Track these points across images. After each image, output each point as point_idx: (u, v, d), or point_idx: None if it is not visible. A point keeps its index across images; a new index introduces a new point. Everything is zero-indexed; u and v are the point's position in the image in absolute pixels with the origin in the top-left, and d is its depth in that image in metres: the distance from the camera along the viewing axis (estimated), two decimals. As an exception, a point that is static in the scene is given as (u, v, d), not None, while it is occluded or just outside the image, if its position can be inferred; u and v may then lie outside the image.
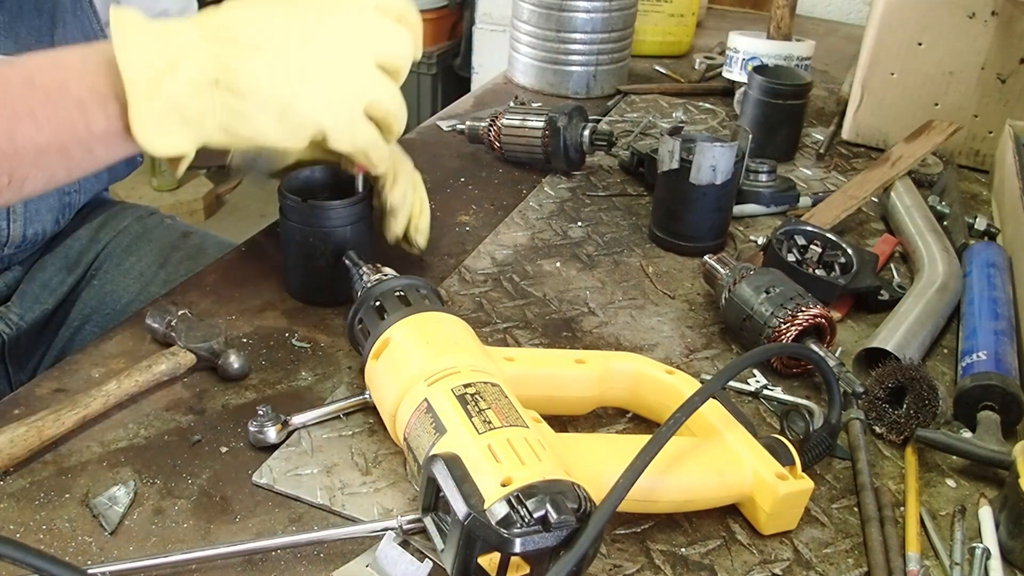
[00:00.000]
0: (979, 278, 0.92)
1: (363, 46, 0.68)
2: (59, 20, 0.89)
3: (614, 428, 0.76)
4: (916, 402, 0.74)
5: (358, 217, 0.84)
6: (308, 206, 0.83)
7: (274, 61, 0.65)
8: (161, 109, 0.62)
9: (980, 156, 1.29)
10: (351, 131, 0.70)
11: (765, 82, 1.23)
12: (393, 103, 0.71)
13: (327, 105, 0.67)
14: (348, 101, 0.68)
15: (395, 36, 0.70)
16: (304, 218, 0.83)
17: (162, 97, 0.62)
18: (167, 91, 0.62)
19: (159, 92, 0.62)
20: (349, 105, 0.69)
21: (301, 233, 0.84)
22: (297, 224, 0.84)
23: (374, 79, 0.69)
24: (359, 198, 0.84)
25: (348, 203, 0.83)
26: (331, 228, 0.83)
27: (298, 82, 0.66)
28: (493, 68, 2.74)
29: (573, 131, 1.16)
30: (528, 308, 0.91)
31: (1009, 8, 1.19)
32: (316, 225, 0.83)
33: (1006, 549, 0.65)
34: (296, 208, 0.83)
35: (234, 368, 0.76)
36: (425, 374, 0.64)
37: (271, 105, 0.65)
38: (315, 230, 0.83)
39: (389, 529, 0.61)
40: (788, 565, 0.64)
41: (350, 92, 0.68)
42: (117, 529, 0.62)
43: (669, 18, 1.68)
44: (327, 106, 0.67)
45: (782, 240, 0.96)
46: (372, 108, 0.70)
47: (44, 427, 0.66)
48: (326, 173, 0.88)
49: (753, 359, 0.70)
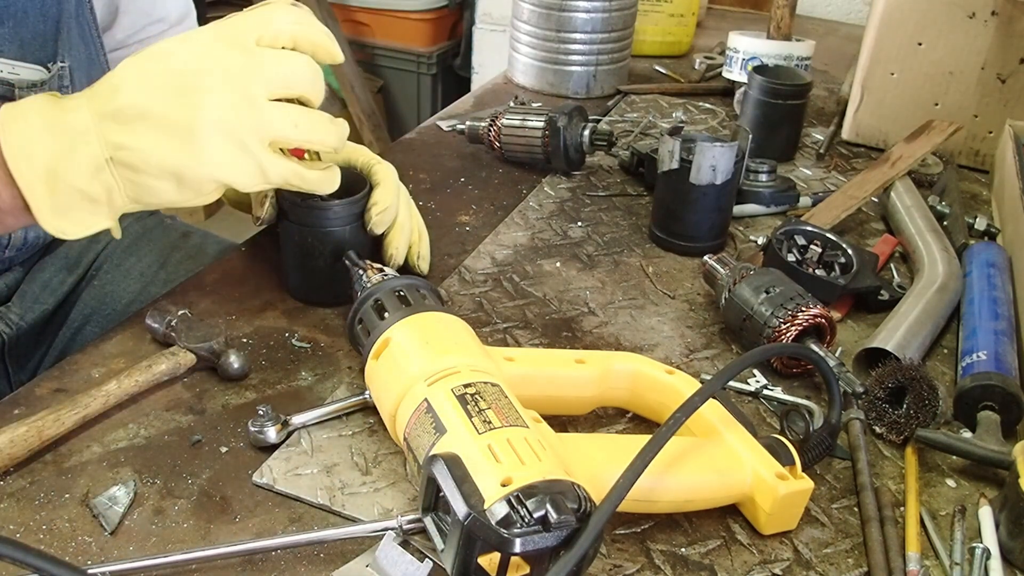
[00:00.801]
0: (979, 278, 0.92)
1: (249, 87, 0.66)
2: (63, 27, 0.89)
3: (614, 428, 0.76)
4: (916, 402, 0.74)
5: (356, 217, 0.84)
6: (306, 206, 0.83)
7: (159, 129, 0.65)
8: (65, 198, 0.65)
9: (980, 156, 1.29)
10: (259, 173, 0.69)
11: (765, 82, 1.24)
12: (299, 132, 0.69)
13: (222, 159, 0.66)
14: (245, 148, 0.67)
15: (283, 64, 0.68)
16: (301, 217, 0.83)
17: (63, 187, 0.65)
18: (66, 179, 0.64)
19: (59, 183, 0.64)
20: (247, 151, 0.67)
21: (299, 233, 0.84)
22: (295, 224, 0.84)
23: (270, 116, 0.67)
24: (358, 197, 0.84)
25: (346, 203, 0.83)
26: (329, 228, 0.83)
27: (186, 146, 0.65)
28: (493, 68, 2.74)
29: (573, 131, 1.16)
30: (528, 308, 0.91)
31: (1009, 8, 1.19)
32: (314, 225, 0.83)
33: (1006, 549, 0.65)
34: (293, 207, 0.83)
35: (234, 368, 0.76)
36: (425, 374, 0.64)
37: (167, 174, 0.66)
38: (313, 230, 0.83)
39: (389, 529, 0.61)
40: (788, 565, 0.64)
41: (244, 139, 0.66)
42: (117, 529, 0.62)
43: (669, 18, 1.68)
44: (222, 160, 0.66)
45: (782, 240, 0.96)
46: (278, 143, 0.69)
47: (44, 427, 0.66)
48: None
49: (753, 359, 0.70)
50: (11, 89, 0.86)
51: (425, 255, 0.91)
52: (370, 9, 3.14)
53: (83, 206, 0.66)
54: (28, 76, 0.87)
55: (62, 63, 0.90)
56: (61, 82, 0.90)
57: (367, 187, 0.85)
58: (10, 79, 0.86)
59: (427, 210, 1.08)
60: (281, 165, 0.70)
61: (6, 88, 0.86)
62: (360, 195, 0.84)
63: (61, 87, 0.90)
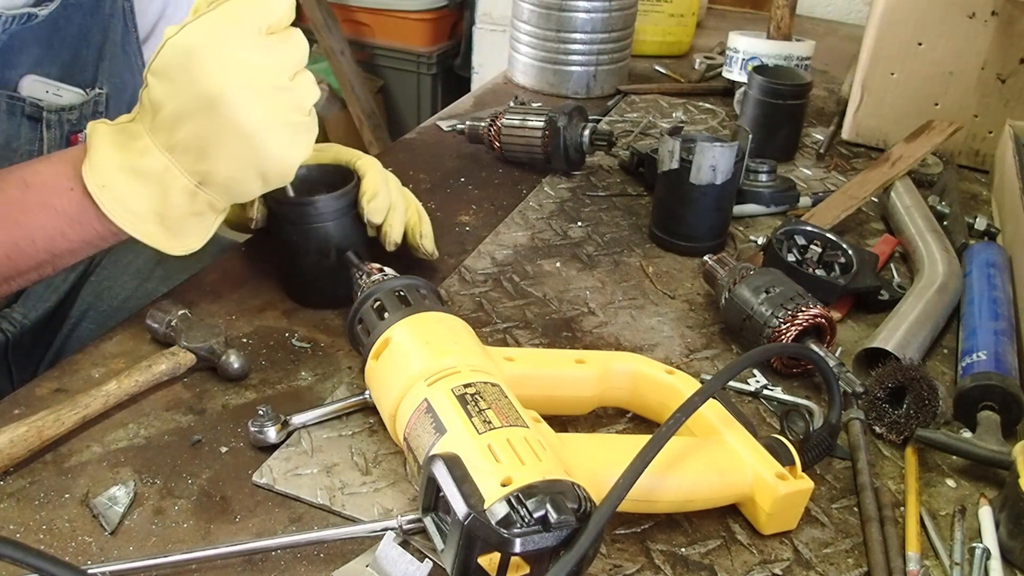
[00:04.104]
0: (979, 278, 0.92)
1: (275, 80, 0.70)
2: (106, 53, 0.91)
3: (614, 428, 0.76)
4: (916, 402, 0.74)
5: (342, 212, 0.83)
6: (289, 202, 0.82)
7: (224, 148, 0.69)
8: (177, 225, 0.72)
9: (980, 156, 1.29)
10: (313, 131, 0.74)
11: (765, 82, 1.24)
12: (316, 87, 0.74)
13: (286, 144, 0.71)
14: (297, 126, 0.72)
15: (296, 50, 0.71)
16: (286, 215, 0.83)
17: (172, 220, 0.71)
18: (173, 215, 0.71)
19: (167, 220, 0.71)
20: (299, 127, 0.72)
21: (286, 231, 0.84)
22: (281, 221, 0.83)
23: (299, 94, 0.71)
24: (341, 192, 0.83)
25: (330, 197, 0.82)
26: (314, 224, 0.82)
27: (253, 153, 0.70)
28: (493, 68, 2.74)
29: (573, 131, 1.16)
30: (528, 308, 0.91)
31: (1009, 8, 1.19)
32: (298, 221, 0.82)
33: (1006, 549, 0.65)
34: (278, 205, 0.83)
35: (234, 368, 0.76)
36: (425, 374, 0.64)
37: (251, 178, 0.71)
38: (298, 227, 0.83)
39: (389, 529, 0.61)
40: (788, 565, 0.64)
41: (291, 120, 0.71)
42: (117, 529, 0.62)
43: (669, 18, 1.68)
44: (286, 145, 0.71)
45: (782, 240, 0.96)
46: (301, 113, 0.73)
47: (44, 427, 0.66)
48: (321, 171, 0.87)
49: (753, 359, 0.70)
50: (39, 111, 0.87)
51: (428, 234, 0.90)
52: (370, 9, 3.13)
53: (193, 222, 0.73)
54: (69, 100, 0.89)
55: (100, 89, 0.92)
56: (96, 107, 0.92)
57: (354, 180, 0.85)
58: (53, 101, 0.87)
59: (427, 210, 1.08)
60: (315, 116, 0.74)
61: (34, 109, 0.87)
62: (344, 190, 0.83)
63: (96, 112, 0.92)
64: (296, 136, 0.72)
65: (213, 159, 0.69)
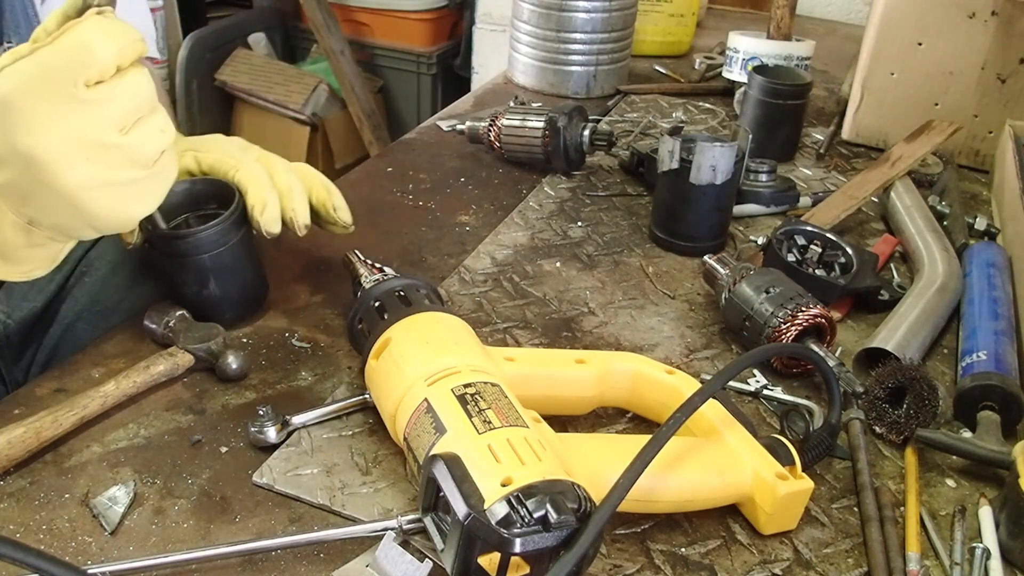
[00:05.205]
0: (979, 278, 0.92)
1: (100, 137, 0.62)
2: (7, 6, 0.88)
3: (614, 428, 0.76)
4: (916, 402, 0.74)
5: (218, 243, 0.78)
6: (162, 235, 0.77)
7: (50, 206, 0.63)
8: (19, 253, 0.67)
9: (980, 156, 1.29)
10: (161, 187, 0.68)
11: (765, 82, 1.23)
12: (166, 136, 0.66)
13: (115, 205, 0.65)
14: (132, 183, 0.65)
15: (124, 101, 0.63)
16: (160, 246, 0.78)
17: (10, 253, 0.66)
18: (7, 251, 0.66)
19: (5, 256, 0.66)
20: (136, 183, 0.65)
21: (160, 261, 0.79)
22: (156, 252, 0.79)
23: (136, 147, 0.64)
24: (216, 223, 0.78)
25: (204, 231, 0.77)
26: (186, 257, 0.78)
27: (80, 216, 0.64)
28: (493, 68, 2.74)
29: (573, 131, 1.16)
30: (528, 308, 0.91)
31: (1009, 8, 1.19)
32: (172, 254, 0.78)
33: (1006, 549, 0.65)
34: (152, 236, 0.78)
35: (232, 369, 0.76)
36: (425, 374, 0.64)
37: (84, 230, 0.66)
38: (172, 259, 0.79)
39: (389, 529, 0.61)
40: (788, 565, 0.64)
41: (122, 177, 0.64)
42: (117, 529, 0.62)
43: (669, 18, 1.68)
44: (116, 206, 0.65)
45: (782, 240, 0.96)
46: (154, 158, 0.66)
47: (42, 429, 0.66)
48: (208, 184, 0.83)
49: (753, 359, 0.70)
50: None
51: (341, 205, 0.85)
52: (370, 9, 3.13)
53: (33, 252, 0.68)
54: None
55: (8, 43, 0.89)
56: None
57: (234, 204, 0.79)
58: None
59: (427, 210, 1.08)
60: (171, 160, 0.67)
61: None
62: (220, 219, 0.78)
63: None
64: (131, 193, 0.65)
65: (36, 209, 0.64)
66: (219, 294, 0.80)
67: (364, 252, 0.84)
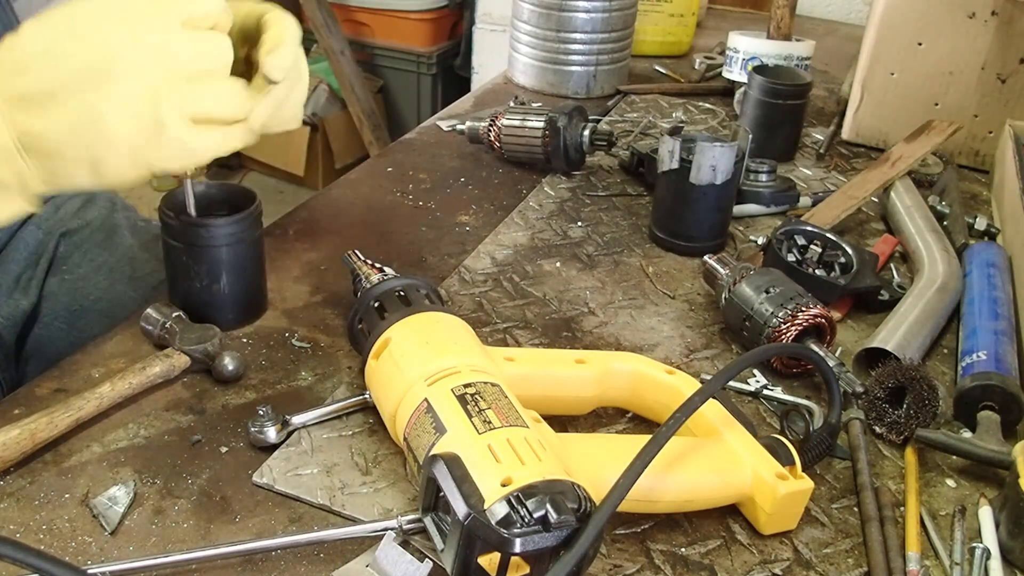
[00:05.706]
0: (979, 278, 0.92)
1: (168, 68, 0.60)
2: None
3: (614, 428, 0.76)
4: (916, 402, 0.74)
5: (237, 237, 0.79)
6: (181, 222, 0.78)
7: (69, 115, 0.59)
8: None
9: (980, 156, 1.29)
10: (184, 153, 0.63)
11: (765, 82, 1.23)
12: (223, 107, 0.63)
13: (138, 142, 0.60)
14: (164, 129, 0.60)
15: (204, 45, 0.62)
16: (176, 234, 0.79)
17: None
18: None
19: None
20: (167, 132, 0.61)
21: (174, 250, 0.80)
22: (170, 239, 0.79)
23: (192, 95, 0.61)
24: (239, 217, 0.79)
25: (227, 222, 0.78)
26: (206, 246, 0.78)
27: (99, 132, 0.59)
28: (493, 68, 2.74)
29: (573, 131, 1.16)
30: (528, 308, 0.91)
31: (1009, 8, 1.19)
32: (188, 243, 0.78)
33: (1006, 549, 0.65)
34: (168, 223, 0.79)
35: (228, 370, 0.76)
36: (425, 374, 0.64)
37: (82, 164, 0.60)
38: (188, 248, 0.79)
39: (389, 529, 0.61)
40: (788, 565, 0.64)
41: (163, 119, 0.60)
42: (117, 529, 0.62)
43: (669, 18, 1.68)
44: (139, 143, 0.60)
45: (782, 240, 0.96)
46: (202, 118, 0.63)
47: (37, 430, 0.66)
48: (224, 191, 0.84)
49: (753, 359, 0.70)
50: None
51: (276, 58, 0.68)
52: (370, 9, 3.14)
53: None
54: None
55: None
56: None
57: (254, 203, 0.80)
58: None
59: (427, 210, 1.08)
60: (208, 138, 0.63)
61: None
62: (242, 214, 0.79)
63: None
64: (157, 141, 0.61)
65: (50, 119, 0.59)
66: (226, 292, 0.81)
67: (364, 252, 0.84)
